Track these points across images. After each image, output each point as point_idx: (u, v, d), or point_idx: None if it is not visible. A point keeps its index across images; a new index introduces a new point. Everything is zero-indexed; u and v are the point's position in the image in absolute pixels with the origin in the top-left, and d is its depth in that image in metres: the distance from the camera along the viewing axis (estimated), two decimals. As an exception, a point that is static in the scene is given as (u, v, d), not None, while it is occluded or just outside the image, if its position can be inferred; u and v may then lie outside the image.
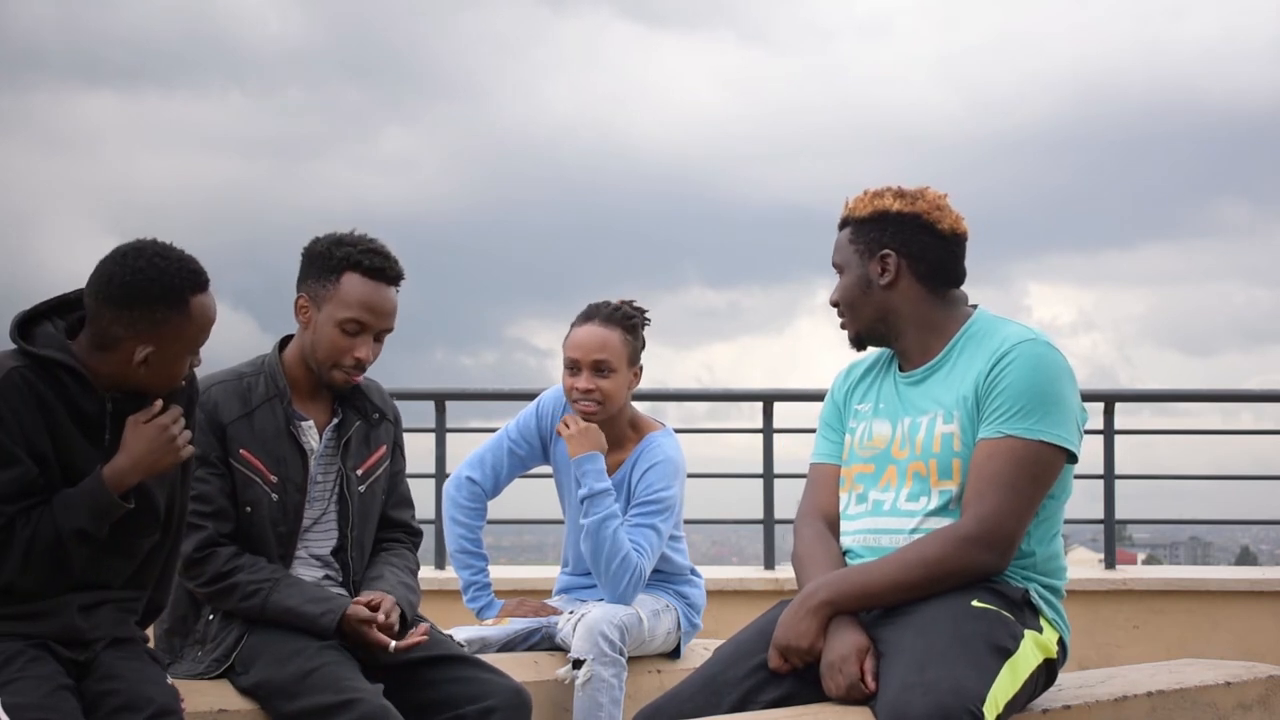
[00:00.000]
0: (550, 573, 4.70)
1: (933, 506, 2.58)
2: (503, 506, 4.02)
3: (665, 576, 3.61)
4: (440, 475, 6.34)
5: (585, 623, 3.32)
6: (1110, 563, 6.63)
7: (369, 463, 3.11)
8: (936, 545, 2.50)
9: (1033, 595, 2.56)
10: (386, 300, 3.02)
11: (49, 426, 2.48)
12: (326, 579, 3.07)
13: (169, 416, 2.54)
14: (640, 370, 3.57)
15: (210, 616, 2.96)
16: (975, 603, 2.47)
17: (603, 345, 3.48)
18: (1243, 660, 3.20)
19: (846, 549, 2.68)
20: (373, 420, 3.12)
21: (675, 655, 3.58)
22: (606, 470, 3.52)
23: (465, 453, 3.79)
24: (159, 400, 2.55)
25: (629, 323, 3.54)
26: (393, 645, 2.92)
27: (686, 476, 3.62)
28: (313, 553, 3.06)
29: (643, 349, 3.58)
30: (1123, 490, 6.64)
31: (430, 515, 5.80)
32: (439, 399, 6.57)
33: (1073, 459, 2.57)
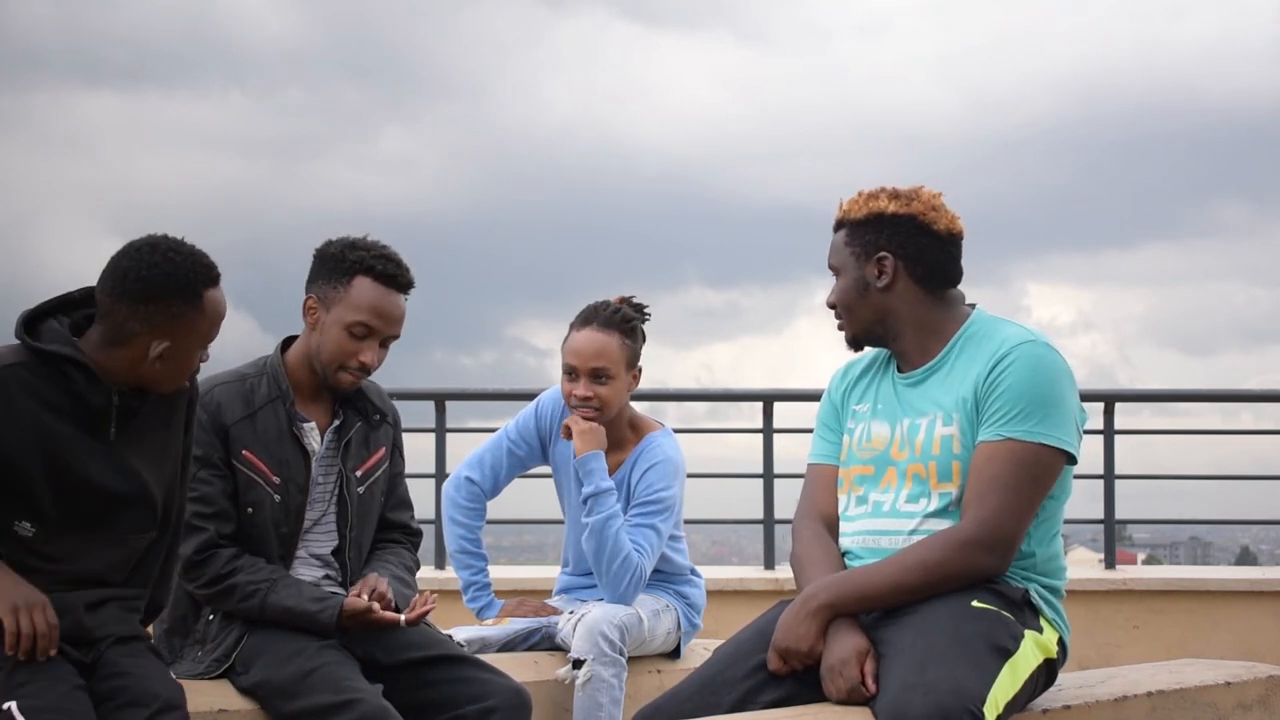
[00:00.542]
0: (550, 573, 4.71)
1: (932, 508, 2.57)
2: (503, 506, 4.02)
3: (665, 576, 3.61)
4: (440, 475, 6.34)
5: (585, 623, 3.32)
6: (1110, 563, 6.63)
7: (368, 464, 3.12)
8: (937, 548, 2.50)
9: (1033, 595, 2.56)
10: (395, 307, 3.02)
11: (41, 425, 2.46)
12: (326, 579, 3.07)
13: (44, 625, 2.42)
14: (639, 372, 3.57)
15: (210, 617, 2.96)
16: (975, 603, 2.47)
17: (600, 352, 3.47)
18: (1243, 660, 3.20)
19: (846, 550, 2.68)
20: (373, 422, 3.12)
21: (675, 655, 3.58)
22: (607, 470, 3.53)
23: (465, 453, 3.79)
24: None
25: (627, 325, 3.52)
26: (403, 618, 2.94)
27: (686, 476, 3.62)
28: (313, 552, 3.07)
29: (643, 344, 3.58)
30: (1123, 490, 6.65)
31: (430, 515, 5.80)
32: (439, 399, 6.57)
33: (1072, 460, 2.57)
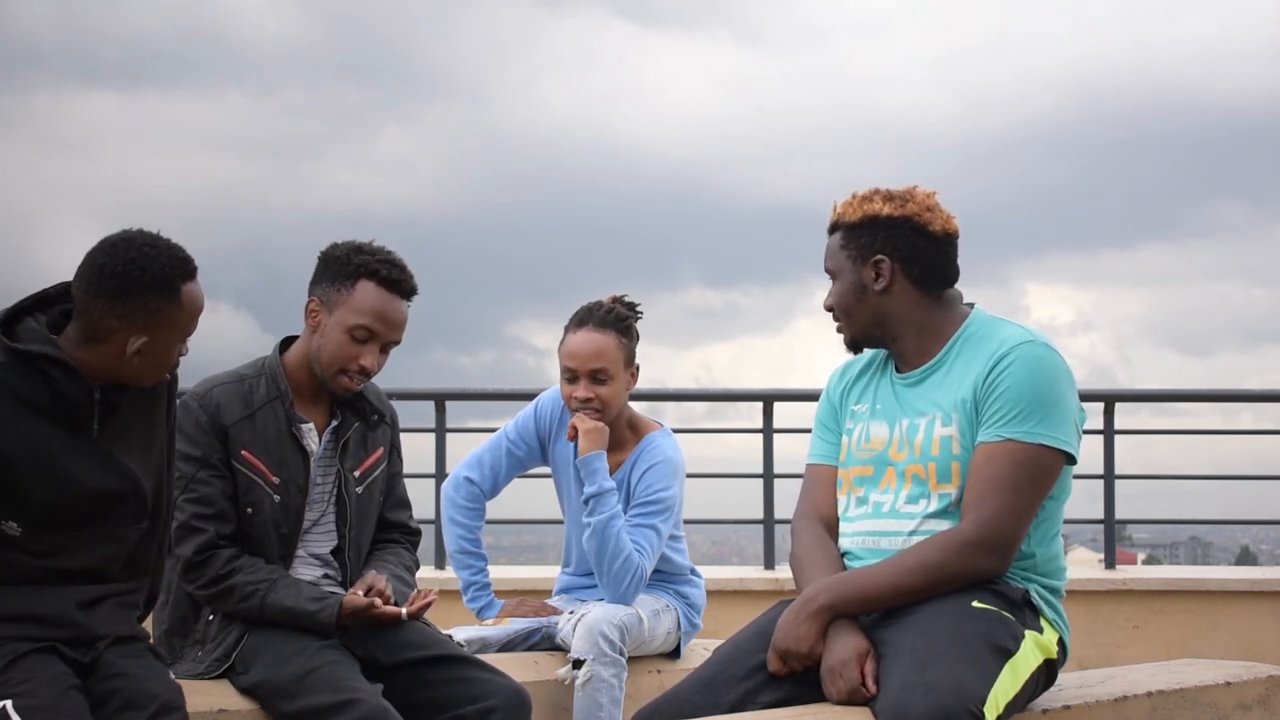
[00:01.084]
0: (550, 573, 4.71)
1: (932, 509, 2.57)
2: (502, 506, 4.02)
3: (665, 576, 3.61)
4: (440, 475, 6.34)
5: (585, 623, 3.32)
6: (1110, 563, 6.63)
7: (366, 464, 3.12)
8: (937, 550, 2.50)
9: (1033, 596, 2.56)
10: (398, 312, 3.02)
11: (23, 425, 2.45)
12: (325, 578, 3.07)
13: None
14: (637, 370, 3.57)
15: (210, 617, 2.96)
16: (975, 603, 2.47)
17: (598, 353, 3.47)
18: (1243, 660, 3.20)
19: (845, 551, 2.68)
20: (371, 422, 3.12)
21: (675, 655, 3.58)
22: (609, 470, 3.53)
23: (465, 453, 3.79)
24: None
25: (623, 324, 3.53)
26: (404, 611, 2.95)
27: (686, 476, 3.62)
28: (312, 552, 3.07)
29: (637, 343, 3.58)
30: (1123, 490, 6.65)
31: (430, 515, 5.80)
32: (439, 399, 6.58)
33: (1072, 461, 2.57)
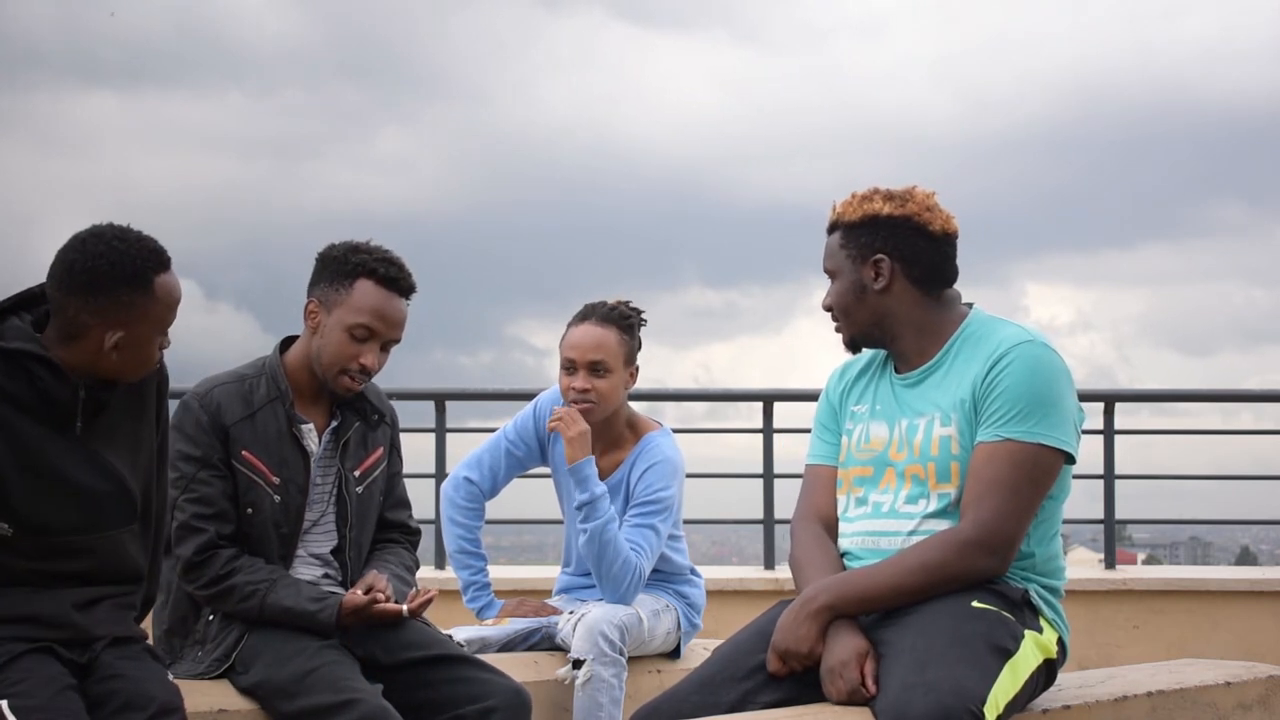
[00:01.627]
0: (550, 573, 4.71)
1: (932, 509, 2.57)
2: (502, 506, 4.02)
3: (665, 576, 3.61)
4: (440, 475, 6.34)
5: (585, 623, 3.32)
6: (1110, 563, 6.63)
7: (366, 464, 3.12)
8: (937, 550, 2.50)
9: (1032, 596, 2.56)
10: (397, 310, 3.03)
11: (10, 425, 2.44)
12: (326, 578, 3.07)
13: None
14: (636, 370, 3.57)
15: (210, 617, 2.97)
16: (975, 603, 2.47)
17: (599, 345, 3.48)
18: (1243, 660, 3.20)
19: (845, 551, 2.68)
20: (371, 422, 3.12)
21: (675, 655, 3.58)
22: (605, 471, 3.53)
23: (465, 453, 3.79)
24: None
25: (625, 322, 3.53)
26: (405, 608, 2.96)
27: (685, 476, 3.63)
28: (312, 552, 3.07)
29: (639, 349, 3.58)
30: (1123, 490, 6.65)
31: (430, 515, 5.80)
32: (439, 399, 6.57)
33: (1071, 460, 2.57)
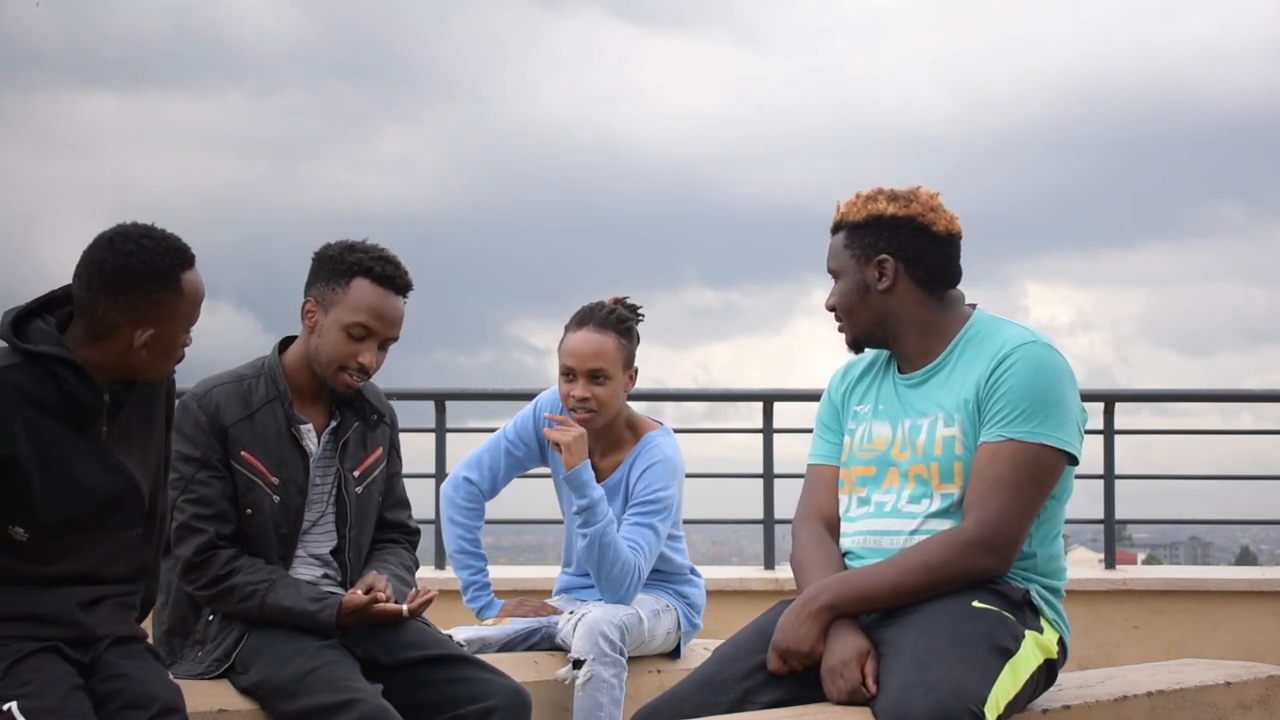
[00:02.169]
0: (550, 573, 4.70)
1: (934, 509, 2.57)
2: (502, 506, 4.02)
3: (665, 576, 3.61)
4: (440, 475, 6.34)
5: (585, 623, 3.32)
6: (1110, 563, 6.63)
7: (366, 464, 3.12)
8: (939, 549, 2.50)
9: (1033, 596, 2.56)
10: (394, 309, 3.03)
11: (34, 428, 2.45)
12: (325, 578, 3.07)
13: None
14: (635, 372, 3.57)
15: (210, 617, 2.96)
16: (976, 603, 2.47)
17: (597, 353, 3.47)
18: (1243, 660, 3.20)
19: (846, 550, 2.68)
20: (370, 422, 3.12)
21: (675, 655, 3.58)
22: (605, 471, 3.53)
23: (465, 453, 3.79)
24: None
25: (623, 325, 3.52)
26: (406, 608, 2.96)
27: (685, 476, 3.62)
28: (312, 553, 3.07)
29: (637, 345, 3.58)
30: (1123, 490, 6.65)
31: (430, 515, 5.80)
32: (439, 399, 6.58)
33: (1074, 461, 2.57)
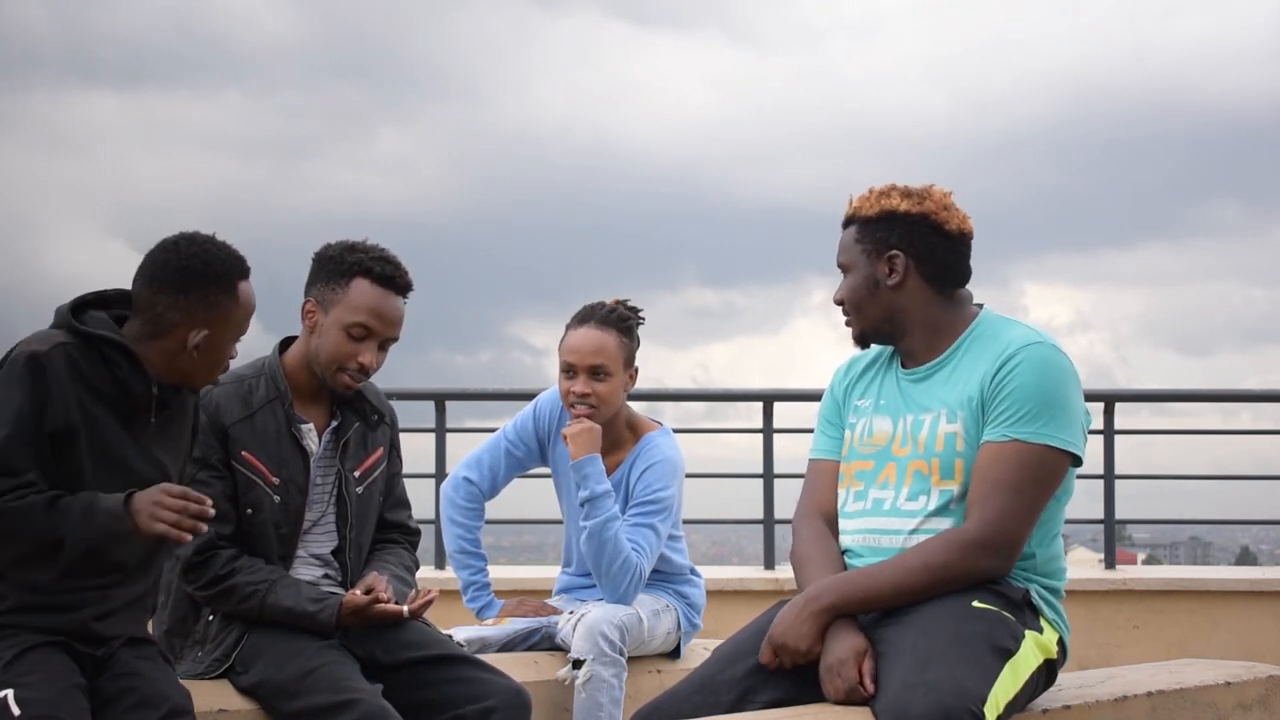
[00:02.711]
0: (550, 573, 4.70)
1: (933, 507, 2.57)
2: (502, 506, 4.02)
3: (665, 576, 3.61)
4: (440, 475, 6.34)
5: (585, 623, 3.32)
6: (1110, 563, 6.63)
7: (366, 464, 3.12)
8: (941, 550, 2.50)
9: (1033, 596, 2.56)
10: (394, 309, 3.03)
11: (86, 405, 2.49)
12: (326, 578, 3.07)
13: (183, 507, 2.47)
14: (636, 372, 3.57)
15: (210, 617, 2.97)
16: (976, 603, 2.47)
17: (598, 349, 3.47)
18: (1243, 660, 3.20)
19: (845, 548, 2.68)
20: (371, 422, 3.12)
21: (675, 655, 3.58)
22: (606, 470, 3.53)
23: (465, 453, 3.79)
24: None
25: (624, 324, 3.53)
26: (406, 609, 2.97)
27: (685, 476, 3.62)
28: (312, 553, 3.07)
29: (638, 346, 3.58)
30: (1123, 490, 6.65)
31: (430, 515, 5.80)
32: (439, 399, 6.58)
33: (1077, 462, 2.57)
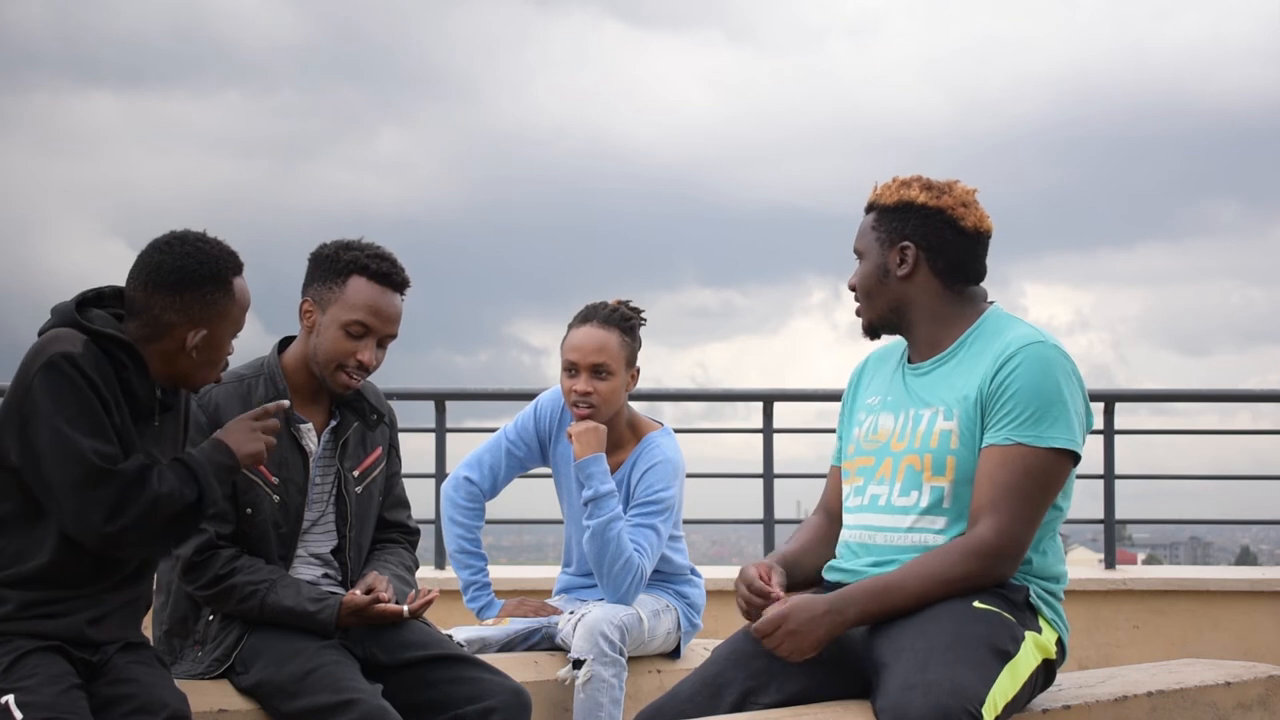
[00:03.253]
0: (550, 573, 4.71)
1: (925, 504, 2.57)
2: (502, 506, 4.02)
3: (665, 576, 3.61)
4: (440, 475, 6.34)
5: (585, 623, 3.32)
6: (1110, 563, 6.63)
7: (365, 464, 3.12)
8: (960, 562, 2.48)
9: (1032, 596, 2.56)
10: (391, 305, 3.03)
11: (107, 408, 2.50)
12: (325, 578, 3.07)
13: (264, 420, 2.65)
14: (637, 372, 3.57)
15: (210, 617, 2.96)
16: (977, 604, 2.48)
17: (601, 348, 3.48)
18: (1243, 660, 3.20)
19: (844, 542, 2.70)
20: (370, 422, 3.12)
21: (675, 655, 3.57)
22: (609, 471, 3.53)
23: (465, 453, 3.79)
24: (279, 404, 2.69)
25: (626, 324, 3.53)
26: (406, 609, 2.97)
27: (686, 476, 3.63)
28: (312, 552, 3.07)
29: (639, 347, 3.59)
30: (1123, 490, 6.65)
31: (430, 515, 5.80)
32: (439, 399, 6.57)
33: (1077, 459, 2.57)
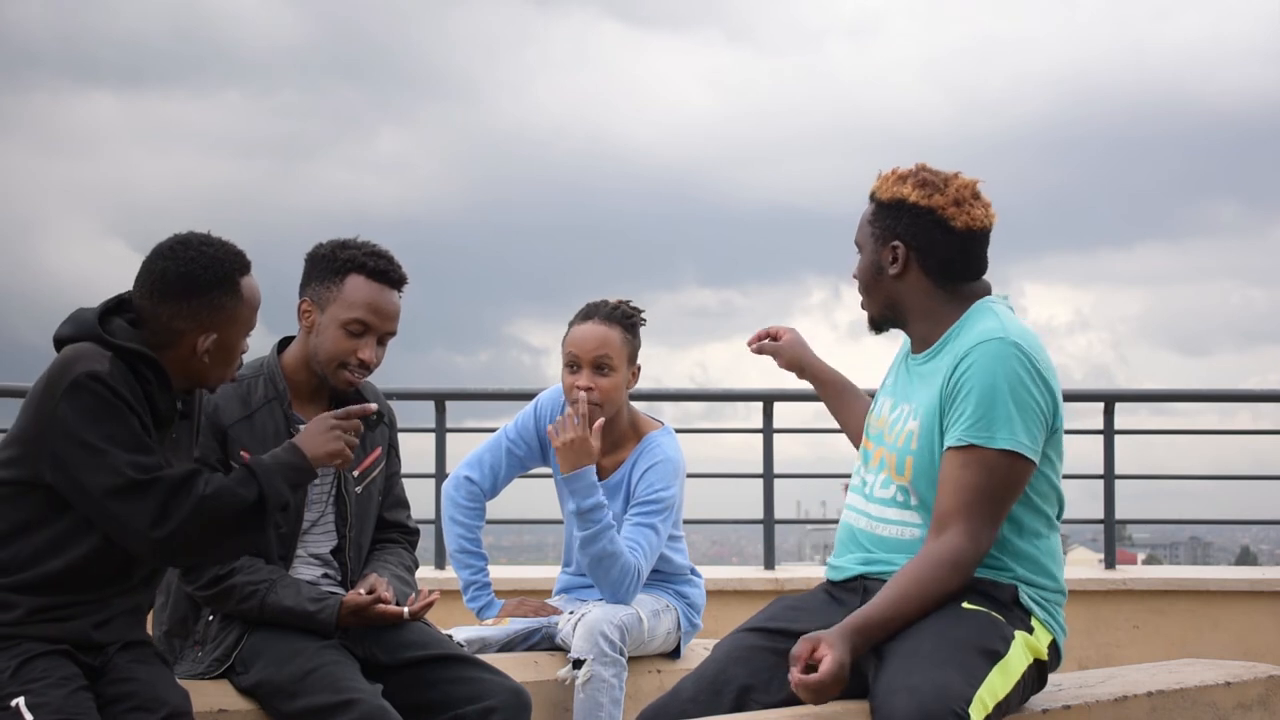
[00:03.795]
0: (550, 573, 4.71)
1: (899, 500, 2.61)
2: (503, 506, 4.01)
3: (665, 576, 3.61)
4: (440, 475, 6.34)
5: (585, 623, 3.32)
6: (1110, 563, 6.64)
7: (365, 464, 3.12)
8: (951, 579, 2.47)
9: (1022, 596, 2.55)
10: (390, 303, 3.03)
11: (141, 414, 2.50)
12: (325, 578, 3.07)
13: (346, 420, 2.69)
14: (638, 370, 3.57)
15: (210, 617, 2.96)
16: (966, 604, 2.48)
17: (603, 343, 3.48)
18: (1243, 660, 3.20)
19: (840, 525, 2.74)
20: (369, 422, 3.12)
21: (675, 655, 3.57)
22: (606, 470, 3.52)
23: (465, 453, 3.79)
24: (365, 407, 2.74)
25: (628, 321, 3.54)
26: (406, 611, 2.97)
27: (686, 476, 3.63)
28: (312, 552, 3.07)
29: (640, 346, 3.59)
30: (1122, 490, 6.66)
31: (431, 515, 5.80)
32: (439, 399, 6.58)
33: (1030, 460, 2.52)
